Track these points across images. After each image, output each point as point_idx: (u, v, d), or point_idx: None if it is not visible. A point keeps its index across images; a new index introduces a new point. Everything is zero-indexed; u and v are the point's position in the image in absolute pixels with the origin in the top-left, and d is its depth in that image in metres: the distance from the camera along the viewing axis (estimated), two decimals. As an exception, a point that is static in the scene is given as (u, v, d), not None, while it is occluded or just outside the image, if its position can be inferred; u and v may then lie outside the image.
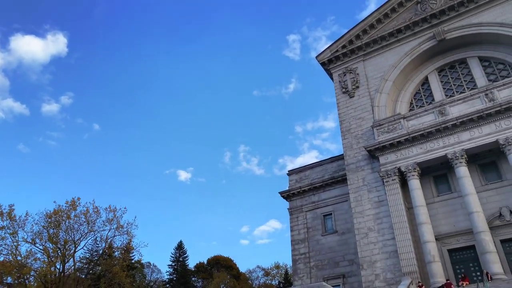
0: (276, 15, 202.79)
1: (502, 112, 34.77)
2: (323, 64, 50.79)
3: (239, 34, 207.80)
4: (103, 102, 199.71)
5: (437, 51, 44.57)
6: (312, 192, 47.85)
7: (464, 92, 40.68)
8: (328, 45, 50.95)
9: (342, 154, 45.51)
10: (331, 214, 45.25)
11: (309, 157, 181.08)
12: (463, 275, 31.47)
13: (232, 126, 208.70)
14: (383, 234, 36.91)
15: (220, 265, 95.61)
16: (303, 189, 48.25)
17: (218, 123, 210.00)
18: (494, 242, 32.21)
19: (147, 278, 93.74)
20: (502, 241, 32.99)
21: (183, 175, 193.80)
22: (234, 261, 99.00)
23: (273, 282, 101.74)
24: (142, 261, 78.79)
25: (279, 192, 50.33)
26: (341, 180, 45.33)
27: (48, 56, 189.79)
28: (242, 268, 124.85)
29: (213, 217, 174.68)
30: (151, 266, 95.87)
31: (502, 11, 40.91)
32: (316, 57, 51.26)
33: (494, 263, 30.56)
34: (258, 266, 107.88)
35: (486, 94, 36.45)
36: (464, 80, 42.50)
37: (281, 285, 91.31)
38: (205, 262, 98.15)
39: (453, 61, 43.99)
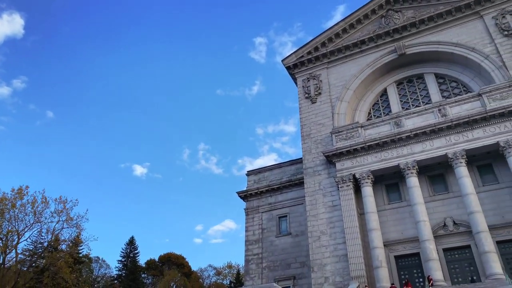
0: (244, 17, 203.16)
1: (453, 128, 36.69)
2: (288, 68, 51.43)
3: (205, 33, 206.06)
4: (59, 89, 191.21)
5: (397, 65, 46.37)
6: (270, 193, 48.28)
7: (419, 106, 42.55)
8: (294, 50, 51.70)
9: (301, 158, 46.25)
10: (286, 216, 45.83)
11: (269, 160, 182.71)
12: (406, 281, 32.85)
13: (193, 124, 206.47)
14: (335, 238, 37.84)
15: (172, 262, 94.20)
16: (260, 190, 48.55)
17: (179, 120, 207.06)
18: (437, 250, 33.92)
19: (94, 273, 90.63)
20: (445, 250, 34.79)
21: (139, 169, 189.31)
22: (186, 259, 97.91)
23: (225, 282, 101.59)
24: (91, 256, 76.07)
25: (236, 192, 50.37)
26: (298, 183, 46.04)
27: (2, 37, 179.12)
28: (194, 266, 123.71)
29: (167, 214, 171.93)
30: (100, 261, 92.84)
31: (458, 32, 43.23)
32: (282, 60, 51.83)
33: (436, 270, 32.13)
34: (210, 265, 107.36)
35: (439, 110, 38.31)
36: (420, 95, 44.47)
37: (232, 285, 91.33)
38: (157, 259, 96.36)
39: (411, 75, 45.93)
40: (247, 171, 52.79)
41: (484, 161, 36.81)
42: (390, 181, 40.10)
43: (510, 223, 33.29)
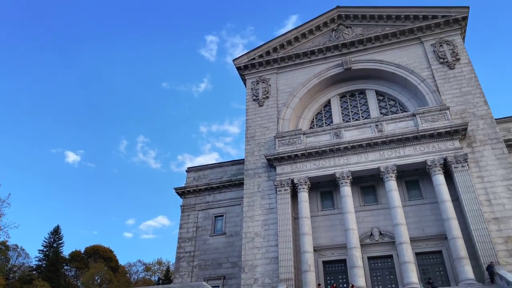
0: (198, 13, 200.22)
1: (387, 143, 38.90)
2: (239, 68, 51.60)
3: (156, 24, 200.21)
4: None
5: (342, 78, 48.28)
6: (208, 192, 48.00)
7: (359, 120, 44.62)
8: (246, 52, 52.03)
9: (243, 159, 46.54)
10: (222, 215, 45.82)
11: (209, 158, 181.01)
12: (334, 286, 34.24)
13: (133, 114, 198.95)
14: (268, 240, 38.46)
15: (99, 255, 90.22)
16: (199, 187, 48.11)
17: (119, 109, 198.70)
18: (362, 258, 35.70)
19: (10, 262, 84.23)
20: (369, 258, 36.71)
21: (72, 157, 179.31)
22: (115, 253, 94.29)
23: (153, 278, 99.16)
24: (8, 243, 70.65)
25: (174, 188, 49.48)
26: (238, 184, 46.26)
27: None
28: (122, 261, 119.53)
29: (98, 205, 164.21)
30: (18, 250, 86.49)
31: (401, 54, 45.99)
32: (233, 60, 51.90)
33: (360, 277, 33.78)
34: (139, 261, 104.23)
35: (376, 125, 40.46)
36: (361, 109, 46.64)
37: (161, 281, 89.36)
38: (83, 250, 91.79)
39: (354, 90, 48.04)
40: (187, 168, 52.10)
41: (412, 177, 39.37)
42: (325, 189, 41.57)
43: (429, 236, 35.90)
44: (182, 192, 48.95)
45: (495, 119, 39.37)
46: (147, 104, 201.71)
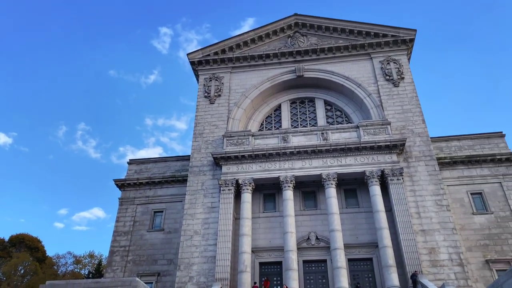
0: (154, 3, 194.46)
1: (330, 152, 40.24)
2: (192, 63, 50.91)
3: (108, 10, 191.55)
4: None
5: (294, 84, 49.29)
6: (150, 186, 46.72)
7: (306, 127, 45.78)
8: (202, 47, 51.45)
9: (189, 155, 45.91)
10: (162, 211, 44.79)
11: (153, 153, 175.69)
12: (266, 278, 35.02)
13: (75, 100, 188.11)
14: (207, 239, 38.21)
15: (25, 245, 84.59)
16: (140, 181, 46.70)
17: (60, 93, 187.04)
18: (298, 261, 36.58)
19: None
20: (305, 261, 37.69)
21: (3, 138, 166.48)
22: (43, 243, 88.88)
23: (83, 272, 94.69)
24: None
25: (114, 180, 47.60)
26: (181, 180, 45.48)
27: None
28: (51, 252, 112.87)
29: (28, 192, 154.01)
30: None
31: (351, 67, 47.86)
32: (188, 54, 51.12)
33: (293, 279, 34.55)
34: (69, 253, 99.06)
35: (322, 133, 41.74)
36: (309, 117, 47.89)
37: (91, 275, 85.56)
38: (7, 239, 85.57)
39: (305, 97, 49.25)
40: (130, 160, 50.40)
41: (350, 186, 41.01)
42: (268, 191, 42.11)
43: (361, 243, 37.57)
44: (121, 185, 47.25)
45: (431, 138, 42.11)
46: (91, 90, 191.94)
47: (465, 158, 42.06)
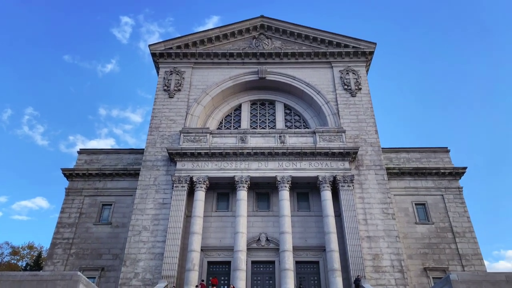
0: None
1: (287, 155, 40.76)
2: (153, 55, 49.75)
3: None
4: None
5: (256, 86, 49.50)
6: (99, 178, 44.99)
7: (265, 129, 46.11)
8: (165, 40, 50.42)
9: (143, 149, 44.80)
10: (111, 205, 43.29)
11: (104, 144, 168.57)
12: (213, 277, 34.82)
13: (24, 83, 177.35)
14: (156, 236, 37.41)
15: (-44, 233, 78.79)
16: (90, 172, 44.88)
17: (8, 75, 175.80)
18: (247, 261, 36.69)
19: None
20: (253, 262, 37.86)
21: None
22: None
23: (21, 264, 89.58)
24: None
25: (61, 169, 45.39)
26: (133, 174, 44.21)
27: None
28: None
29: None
30: None
31: (312, 74, 48.81)
32: (150, 45, 49.91)
33: (241, 280, 34.61)
34: (7, 243, 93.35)
35: (280, 136, 42.20)
36: (268, 119, 48.28)
37: (28, 267, 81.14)
38: None
39: (265, 99, 49.61)
40: (80, 149, 48.31)
41: (303, 190, 41.73)
42: (222, 190, 41.93)
43: (310, 247, 38.34)
44: (69, 174, 45.18)
45: (382, 148, 43.79)
46: (42, 74, 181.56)
47: (412, 170, 44.11)
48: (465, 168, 44.04)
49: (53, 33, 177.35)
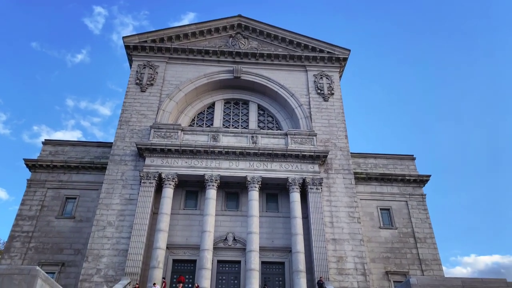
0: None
1: (258, 155, 40.87)
2: (127, 47, 48.70)
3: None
4: None
5: (230, 85, 49.38)
6: (65, 170, 43.58)
7: (237, 128, 46.06)
8: (139, 33, 49.52)
9: (111, 143, 43.80)
10: (75, 198, 42.02)
11: (71, 136, 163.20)
12: (179, 275, 34.36)
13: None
14: (121, 232, 36.63)
15: None
16: (55, 164, 43.39)
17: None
18: (213, 261, 36.52)
19: None
20: (219, 262, 37.72)
21: None
22: None
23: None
24: None
25: (24, 159, 43.70)
26: (100, 168, 43.10)
27: None
28: None
29: None
30: None
31: (287, 76, 49.18)
32: (124, 37, 48.84)
33: (205, 279, 34.41)
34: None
35: (252, 137, 42.25)
36: (241, 118, 48.26)
37: (-16, 262, 77.58)
38: None
39: (239, 99, 49.57)
40: (45, 140, 46.67)
41: (272, 191, 41.97)
42: (191, 188, 41.56)
43: (276, 247, 38.59)
44: (32, 165, 43.54)
45: (351, 153, 44.65)
46: (6, 60, 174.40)
47: (378, 175, 45.23)
48: (429, 176, 45.56)
49: (21, 18, 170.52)
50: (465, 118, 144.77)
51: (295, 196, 39.30)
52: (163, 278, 33.52)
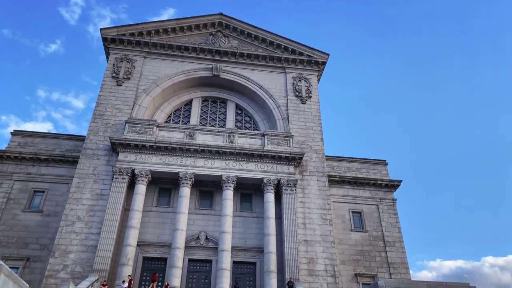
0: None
1: (234, 155, 40.78)
2: (105, 39, 47.66)
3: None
4: None
5: (209, 83, 49.08)
6: (34, 162, 42.23)
7: (214, 127, 45.83)
8: (118, 25, 48.56)
9: (84, 136, 42.77)
10: (44, 192, 40.78)
11: (41, 127, 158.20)
12: (153, 273, 33.95)
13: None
14: (90, 227, 35.81)
15: None
16: (23, 155, 42.00)
17: None
18: (184, 259, 36.19)
19: None
20: (190, 260, 37.43)
21: None
22: None
23: None
24: None
25: (-9, 149, 42.08)
26: (72, 162, 42.01)
27: None
28: None
29: None
30: None
31: (266, 77, 49.32)
32: (102, 29, 47.77)
33: (176, 277, 34.06)
34: None
35: (229, 136, 42.12)
36: (219, 117, 48.05)
37: None
38: None
39: (218, 97, 49.34)
40: (14, 130, 45.08)
41: (247, 191, 41.96)
42: (165, 185, 41.06)
43: (248, 247, 38.61)
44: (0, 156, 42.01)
45: (326, 156, 45.18)
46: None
47: (351, 179, 45.95)
48: (400, 181, 46.63)
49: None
50: (439, 124, 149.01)
51: (270, 197, 39.43)
52: (129, 275, 32.86)
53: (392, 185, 46.50)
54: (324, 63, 51.05)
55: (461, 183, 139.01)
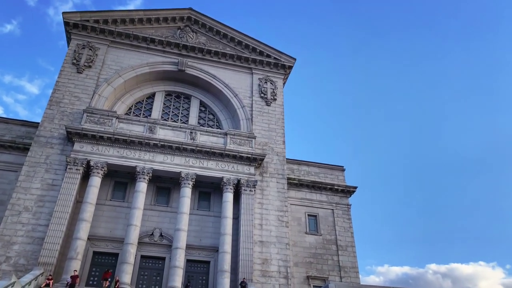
0: None
1: (195, 152, 40.37)
2: (67, 24, 45.73)
3: None
4: None
5: (174, 77, 48.30)
6: (-21, 147, 39.80)
7: (177, 122, 45.13)
8: (82, 11, 46.77)
9: (38, 123, 40.81)
10: (-11, 179, 38.49)
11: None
12: (107, 270, 32.81)
13: None
14: (38, 219, 34.19)
15: None
16: (-31, 138, 39.48)
17: None
18: (136, 255, 35.36)
19: None
20: (143, 257, 36.64)
21: None
22: None
23: None
24: None
25: None
26: (23, 149, 39.93)
27: None
28: None
29: None
30: None
31: (233, 76, 49.23)
32: (64, 13, 45.81)
33: (127, 273, 33.22)
34: None
35: (191, 133, 41.65)
36: (182, 113, 47.36)
37: None
38: None
39: (182, 92, 48.65)
40: (-39, 111, 42.27)
41: (206, 189, 41.67)
42: (121, 179, 39.97)
43: (203, 246, 38.34)
44: None
45: (286, 159, 45.70)
46: None
47: (310, 182, 46.78)
48: (355, 187, 47.99)
49: None
50: (397, 133, 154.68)
51: (228, 196, 39.35)
52: (75, 270, 31.61)
53: (348, 191, 47.76)
54: (290, 67, 51.65)
55: (415, 191, 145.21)
